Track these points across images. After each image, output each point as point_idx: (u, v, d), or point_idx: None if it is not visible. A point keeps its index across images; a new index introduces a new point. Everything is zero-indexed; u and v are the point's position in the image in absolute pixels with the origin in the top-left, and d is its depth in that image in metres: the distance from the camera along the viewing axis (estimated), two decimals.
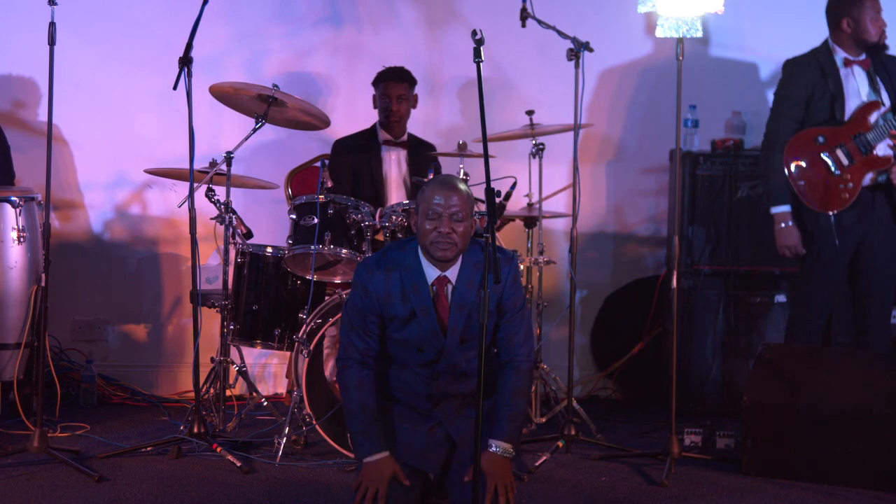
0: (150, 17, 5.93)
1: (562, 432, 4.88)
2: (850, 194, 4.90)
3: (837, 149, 4.90)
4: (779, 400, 4.61)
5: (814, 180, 4.96)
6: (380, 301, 3.48)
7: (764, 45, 5.25)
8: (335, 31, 6.11)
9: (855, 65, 4.97)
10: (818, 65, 5.00)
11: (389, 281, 3.48)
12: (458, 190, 3.46)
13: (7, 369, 4.94)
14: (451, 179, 3.54)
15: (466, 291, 3.49)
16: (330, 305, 4.85)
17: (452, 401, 3.56)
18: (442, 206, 3.42)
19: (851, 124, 4.91)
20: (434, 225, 3.42)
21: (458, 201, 3.43)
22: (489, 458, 3.43)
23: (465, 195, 3.46)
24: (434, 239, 3.43)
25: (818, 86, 4.98)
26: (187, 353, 5.81)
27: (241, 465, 4.53)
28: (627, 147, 6.27)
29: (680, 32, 4.98)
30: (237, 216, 4.98)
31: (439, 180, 3.54)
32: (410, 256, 3.50)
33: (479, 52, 3.31)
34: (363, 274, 3.51)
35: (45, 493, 4.20)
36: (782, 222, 5.03)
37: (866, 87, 4.95)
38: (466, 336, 3.51)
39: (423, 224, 3.45)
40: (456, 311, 3.49)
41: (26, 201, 4.99)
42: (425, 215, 3.45)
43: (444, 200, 3.43)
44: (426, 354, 3.51)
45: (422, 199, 3.49)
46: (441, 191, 3.45)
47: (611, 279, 6.25)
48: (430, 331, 3.48)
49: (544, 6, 5.11)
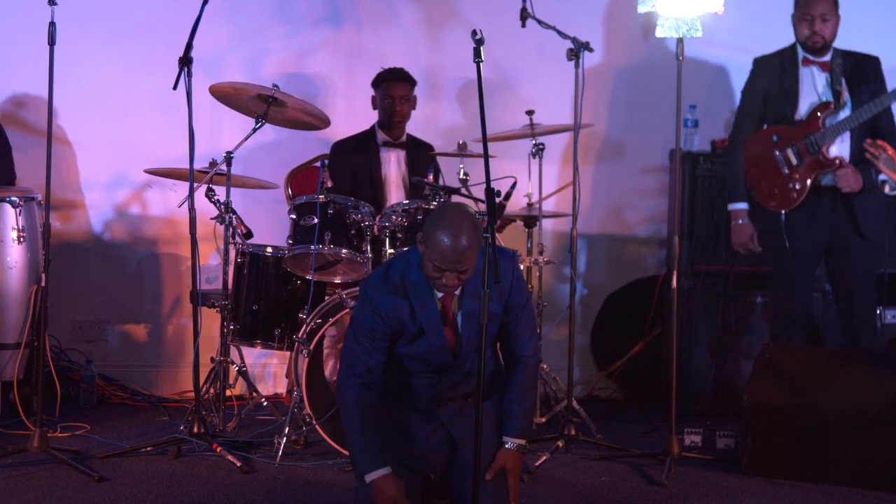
0: (151, 16, 5.93)
1: (562, 432, 4.88)
2: (797, 194, 4.92)
3: (788, 148, 4.93)
4: (779, 400, 4.61)
5: (765, 178, 5.00)
6: (389, 319, 3.43)
7: (764, 45, 5.24)
8: (335, 31, 6.11)
9: (814, 65, 4.98)
10: (780, 63, 5.04)
11: (398, 299, 3.43)
12: (467, 241, 3.27)
13: (7, 369, 4.94)
14: (461, 223, 3.30)
15: (473, 301, 3.45)
16: (330, 305, 4.85)
17: (455, 402, 3.56)
18: (451, 264, 3.29)
19: (805, 124, 4.94)
20: (439, 275, 3.34)
21: (466, 255, 3.29)
22: (506, 453, 3.48)
23: (474, 244, 3.29)
24: (437, 285, 3.39)
25: (775, 83, 5.03)
26: (187, 353, 5.81)
27: (241, 465, 4.53)
28: (627, 147, 6.27)
29: (680, 32, 4.98)
30: (237, 216, 4.98)
31: (449, 225, 3.29)
32: (415, 272, 3.43)
33: (479, 52, 3.31)
34: (371, 293, 3.43)
35: (45, 493, 4.20)
36: (738, 219, 5.11)
37: (823, 88, 4.96)
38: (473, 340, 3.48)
39: (427, 265, 3.34)
40: (466, 321, 3.46)
41: (26, 201, 4.99)
42: (431, 261, 3.31)
43: (453, 256, 3.27)
44: (432, 367, 3.51)
45: (429, 238, 3.31)
46: (450, 242, 3.26)
47: (611, 279, 6.25)
48: (437, 346, 3.46)
49: (544, 6, 5.11)
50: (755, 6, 5.97)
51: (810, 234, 4.96)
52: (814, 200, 4.95)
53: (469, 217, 3.33)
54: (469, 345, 3.47)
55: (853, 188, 4.86)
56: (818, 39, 4.92)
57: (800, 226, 4.95)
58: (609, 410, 5.80)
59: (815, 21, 4.91)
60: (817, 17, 4.91)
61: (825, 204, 4.95)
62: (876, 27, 6.01)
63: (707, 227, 5.73)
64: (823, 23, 4.91)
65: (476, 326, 3.41)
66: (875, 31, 5.95)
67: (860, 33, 5.53)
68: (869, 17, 5.97)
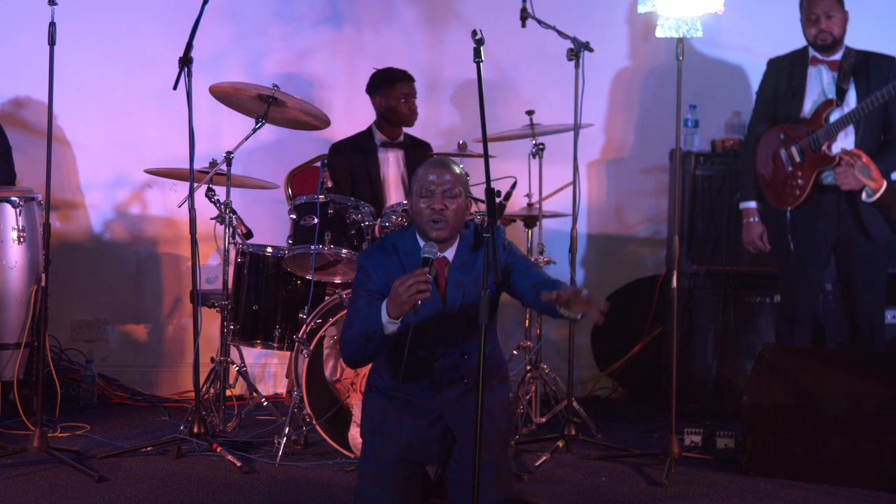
0: (150, 17, 5.93)
1: (562, 432, 4.88)
2: (800, 191, 4.93)
3: (793, 146, 4.94)
4: (779, 400, 4.62)
5: (771, 176, 5.02)
6: (380, 280, 3.50)
7: (764, 45, 5.25)
8: (335, 31, 6.11)
9: (822, 64, 4.99)
10: (790, 63, 5.05)
11: (389, 263, 3.51)
12: (450, 168, 3.50)
13: (7, 369, 4.94)
14: (444, 158, 3.61)
15: (461, 271, 3.52)
16: (330, 305, 4.85)
17: (454, 387, 3.53)
18: (435, 183, 3.46)
19: (809, 122, 4.95)
20: (427, 202, 3.46)
21: (450, 178, 3.47)
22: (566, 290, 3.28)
23: (457, 172, 3.51)
24: (428, 216, 3.45)
25: (783, 83, 5.04)
26: (187, 353, 5.81)
27: (241, 465, 4.53)
28: (627, 147, 6.28)
29: (680, 32, 4.98)
30: (237, 216, 4.98)
31: (432, 160, 3.60)
32: (409, 240, 3.55)
33: (479, 52, 3.31)
34: (364, 258, 3.57)
35: (45, 493, 4.20)
36: (748, 217, 5.13)
37: (829, 86, 4.97)
38: (465, 305, 3.50)
39: (417, 203, 3.49)
40: (453, 289, 3.51)
41: (26, 201, 4.99)
42: (419, 194, 3.49)
43: (437, 177, 3.47)
44: (422, 313, 3.37)
45: (415, 179, 3.53)
46: (434, 169, 3.50)
47: (611, 279, 6.25)
48: (429, 305, 3.47)
49: (544, 6, 5.11)
50: (755, 6, 5.97)
51: (814, 233, 4.96)
52: (817, 198, 4.94)
53: (450, 159, 3.61)
54: (453, 308, 3.50)
55: (853, 186, 4.84)
56: (826, 37, 4.92)
57: (803, 224, 4.95)
58: (609, 410, 5.80)
59: (820, 19, 4.91)
60: (822, 16, 4.91)
61: (828, 202, 4.94)
62: (879, 26, 6.02)
63: (707, 227, 5.73)
64: (829, 20, 4.91)
65: (463, 293, 3.48)
66: (875, 31, 5.96)
67: (862, 32, 5.54)
68: (868, 17, 5.98)
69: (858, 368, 4.70)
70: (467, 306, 3.50)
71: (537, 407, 5.40)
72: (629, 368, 6.06)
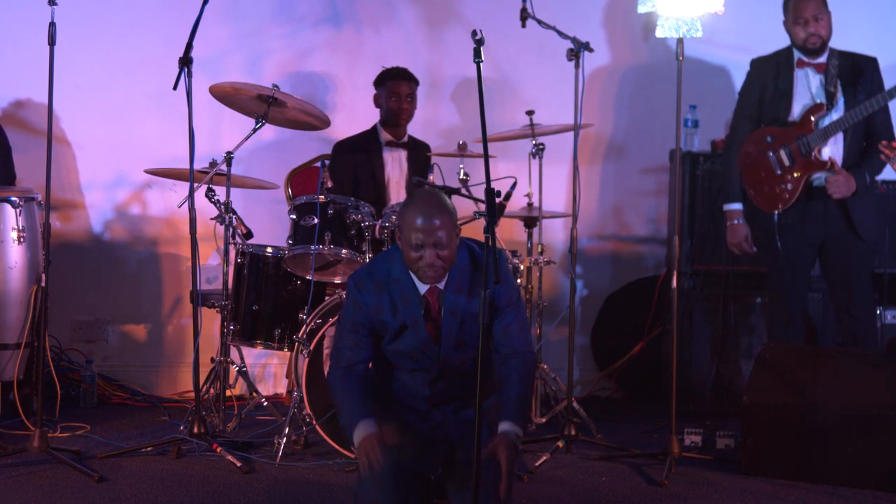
0: (150, 17, 5.93)
1: (562, 432, 4.88)
2: (789, 195, 4.93)
3: (781, 149, 4.93)
4: (779, 400, 4.61)
5: (759, 179, 5.01)
6: (370, 314, 3.46)
7: (764, 45, 5.24)
8: (335, 31, 6.11)
9: (809, 67, 4.98)
10: (775, 64, 5.04)
11: (380, 294, 3.46)
12: (439, 215, 3.34)
13: (7, 369, 4.94)
14: (431, 201, 3.39)
15: (456, 297, 3.46)
16: (330, 305, 4.85)
17: (451, 403, 3.55)
18: (424, 237, 3.33)
19: (798, 126, 4.94)
20: (419, 254, 3.36)
21: (440, 224, 3.33)
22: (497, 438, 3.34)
23: (446, 218, 3.35)
24: (420, 267, 3.39)
25: (770, 85, 5.03)
26: (187, 353, 5.81)
27: (241, 465, 4.53)
28: (627, 147, 6.28)
29: (680, 32, 4.98)
30: (237, 216, 4.98)
31: (420, 204, 3.39)
32: (399, 268, 3.46)
33: (479, 52, 3.31)
34: (353, 288, 3.48)
35: (45, 493, 4.20)
36: (732, 220, 5.11)
37: (817, 89, 4.96)
38: (463, 340, 3.49)
39: (406, 250, 3.38)
40: (449, 317, 3.46)
41: (26, 201, 4.99)
42: (409, 244, 3.35)
43: (427, 230, 3.32)
44: (421, 363, 3.50)
45: (403, 222, 3.37)
46: (422, 218, 3.33)
47: (611, 279, 6.25)
48: (422, 341, 3.47)
49: (544, 6, 5.11)
50: (755, 6, 5.97)
51: (802, 234, 4.96)
52: (805, 202, 4.95)
53: (437, 195, 3.44)
54: (449, 340, 3.47)
55: (844, 195, 4.86)
56: (816, 39, 4.92)
57: (792, 226, 4.96)
58: (609, 410, 5.80)
59: (808, 23, 4.91)
60: (810, 19, 4.91)
61: (817, 205, 4.95)
62: (870, 27, 6.02)
63: (707, 227, 5.73)
64: (817, 22, 4.91)
65: (460, 321, 3.45)
66: (869, 31, 5.96)
67: (854, 33, 5.54)
68: (862, 17, 5.98)
69: (858, 368, 4.70)
70: (465, 333, 3.45)
71: (537, 407, 5.40)
72: (629, 368, 6.06)
